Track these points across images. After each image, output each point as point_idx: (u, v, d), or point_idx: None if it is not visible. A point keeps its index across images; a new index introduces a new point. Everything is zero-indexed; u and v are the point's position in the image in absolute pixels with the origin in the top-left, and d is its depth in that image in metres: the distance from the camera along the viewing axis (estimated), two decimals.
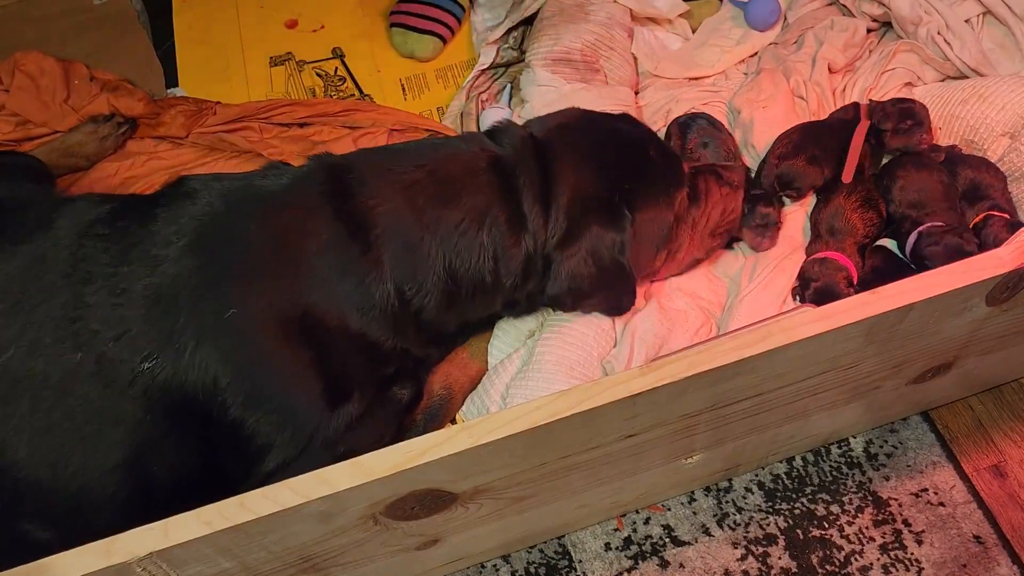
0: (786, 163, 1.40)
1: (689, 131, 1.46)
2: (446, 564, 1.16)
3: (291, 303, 1.02)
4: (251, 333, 1.00)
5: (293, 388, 1.03)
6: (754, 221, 1.34)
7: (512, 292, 1.15)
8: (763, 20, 1.65)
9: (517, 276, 1.13)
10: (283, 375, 1.02)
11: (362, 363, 1.08)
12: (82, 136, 1.57)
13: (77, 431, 0.97)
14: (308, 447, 1.03)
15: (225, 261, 1.02)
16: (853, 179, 1.41)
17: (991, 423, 1.30)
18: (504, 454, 0.90)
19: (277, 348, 1.01)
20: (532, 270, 1.13)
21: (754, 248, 1.37)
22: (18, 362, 0.97)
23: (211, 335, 0.98)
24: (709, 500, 1.25)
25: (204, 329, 0.98)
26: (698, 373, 0.89)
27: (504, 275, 1.12)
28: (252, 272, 1.02)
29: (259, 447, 1.02)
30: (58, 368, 0.97)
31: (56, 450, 0.97)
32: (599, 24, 1.61)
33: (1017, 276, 0.97)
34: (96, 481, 0.99)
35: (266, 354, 1.01)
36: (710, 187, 1.26)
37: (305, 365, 1.02)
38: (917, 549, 1.20)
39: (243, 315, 1.00)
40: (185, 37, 1.86)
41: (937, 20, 1.53)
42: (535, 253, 1.12)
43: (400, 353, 1.11)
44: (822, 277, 1.29)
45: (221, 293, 1.00)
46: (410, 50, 1.78)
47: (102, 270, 1.00)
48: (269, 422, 1.01)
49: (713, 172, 1.27)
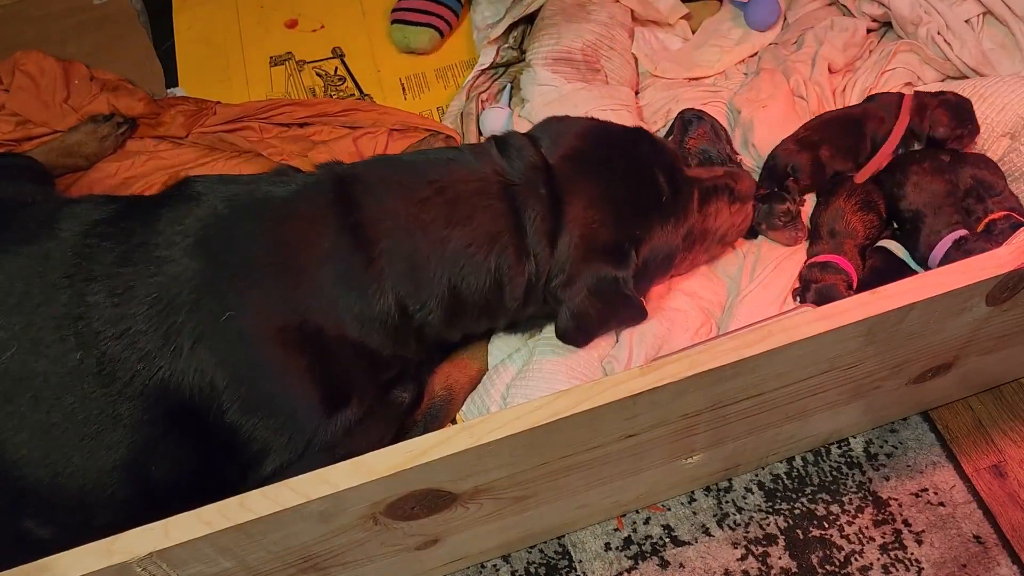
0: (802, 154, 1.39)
1: (690, 130, 1.46)
2: (446, 564, 1.16)
3: (291, 310, 1.01)
4: (249, 337, 1.00)
5: (290, 393, 1.02)
6: (779, 222, 1.34)
7: (515, 314, 1.16)
8: (763, 20, 1.65)
9: (519, 301, 1.13)
10: (280, 380, 1.02)
11: (361, 370, 1.07)
12: (81, 136, 1.57)
13: (77, 431, 0.97)
14: (306, 452, 1.03)
15: (227, 264, 1.02)
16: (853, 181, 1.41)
17: (991, 423, 1.30)
18: (504, 454, 0.90)
19: (275, 353, 1.01)
20: (533, 298, 1.13)
21: (788, 244, 1.37)
22: (19, 361, 0.97)
23: (208, 337, 0.98)
24: (709, 500, 1.25)
25: (202, 331, 0.98)
26: (698, 373, 0.89)
27: (508, 299, 1.12)
28: (253, 277, 1.02)
29: (256, 451, 1.02)
30: (59, 367, 0.97)
31: (56, 450, 0.97)
32: (600, 24, 1.61)
33: (1017, 276, 0.97)
34: (95, 481, 0.99)
35: (264, 359, 1.01)
36: (720, 207, 1.25)
37: (302, 371, 1.02)
38: (917, 549, 1.20)
39: (241, 319, 0.99)
40: (185, 37, 1.86)
41: (937, 20, 1.53)
42: (536, 284, 1.12)
43: (400, 359, 1.11)
44: (822, 280, 1.29)
45: (221, 296, 0.99)
46: (407, 44, 1.78)
47: (105, 270, 1.00)
48: (266, 427, 1.01)
49: (725, 188, 1.26)
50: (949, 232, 1.29)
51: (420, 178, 1.09)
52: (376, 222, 1.05)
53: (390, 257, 1.05)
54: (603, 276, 1.11)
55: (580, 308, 1.12)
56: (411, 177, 1.09)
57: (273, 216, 1.06)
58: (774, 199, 1.35)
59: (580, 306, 1.12)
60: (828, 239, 1.35)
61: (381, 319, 1.05)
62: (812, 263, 1.32)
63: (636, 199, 1.15)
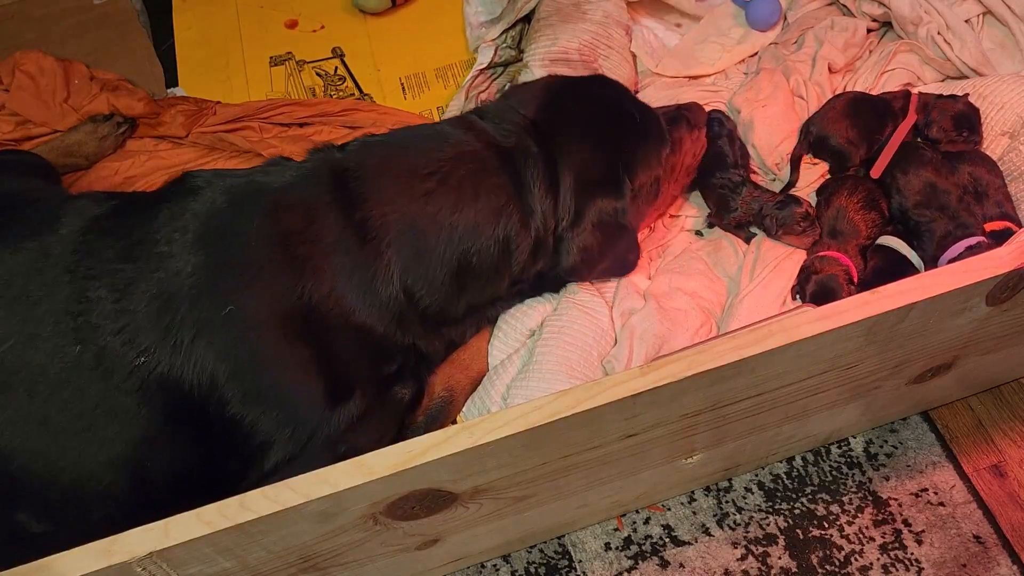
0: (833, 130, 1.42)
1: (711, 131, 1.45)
2: (446, 564, 1.16)
3: (293, 301, 1.02)
4: (251, 329, 1.00)
5: (293, 385, 1.03)
6: (797, 227, 1.34)
7: (520, 273, 1.19)
8: (764, 20, 1.65)
9: (526, 259, 1.17)
10: (283, 371, 1.02)
11: (364, 360, 1.08)
12: (81, 135, 1.58)
13: (72, 424, 0.97)
14: (308, 445, 1.03)
15: (226, 258, 1.02)
16: (854, 179, 1.41)
17: (991, 423, 1.30)
18: (504, 454, 0.90)
19: (278, 344, 1.01)
20: (541, 252, 1.18)
21: (804, 248, 1.37)
22: (16, 354, 0.97)
23: (209, 331, 0.98)
24: (709, 500, 1.25)
25: (202, 325, 0.98)
26: (698, 373, 0.89)
27: (514, 263, 1.16)
28: (253, 270, 1.02)
29: (259, 444, 1.02)
30: (56, 361, 0.97)
31: (51, 442, 0.97)
32: (596, 23, 1.61)
33: (1017, 276, 0.97)
34: (91, 474, 0.99)
35: (266, 350, 1.01)
36: (682, 135, 1.33)
37: (305, 362, 1.03)
38: (917, 549, 1.20)
39: (242, 312, 1.00)
40: (185, 37, 1.86)
41: (937, 20, 1.53)
42: (544, 236, 1.17)
43: (404, 348, 1.12)
44: (823, 276, 1.29)
45: (221, 289, 1.00)
46: (361, 2, 1.85)
47: (105, 266, 1.01)
48: (269, 419, 1.01)
49: (681, 118, 1.34)
50: (964, 238, 1.28)
51: (419, 167, 1.11)
52: (382, 216, 1.07)
53: (398, 248, 1.07)
54: (604, 208, 1.19)
55: (586, 242, 1.19)
56: (411, 166, 1.12)
57: (271, 208, 1.06)
58: (791, 203, 1.35)
59: (586, 240, 1.19)
60: (829, 239, 1.35)
61: (387, 305, 1.08)
62: (812, 257, 1.32)
63: (617, 132, 1.23)
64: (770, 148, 1.47)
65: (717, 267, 1.38)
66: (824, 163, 1.47)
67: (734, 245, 1.40)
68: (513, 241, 1.14)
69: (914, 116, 1.42)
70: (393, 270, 1.07)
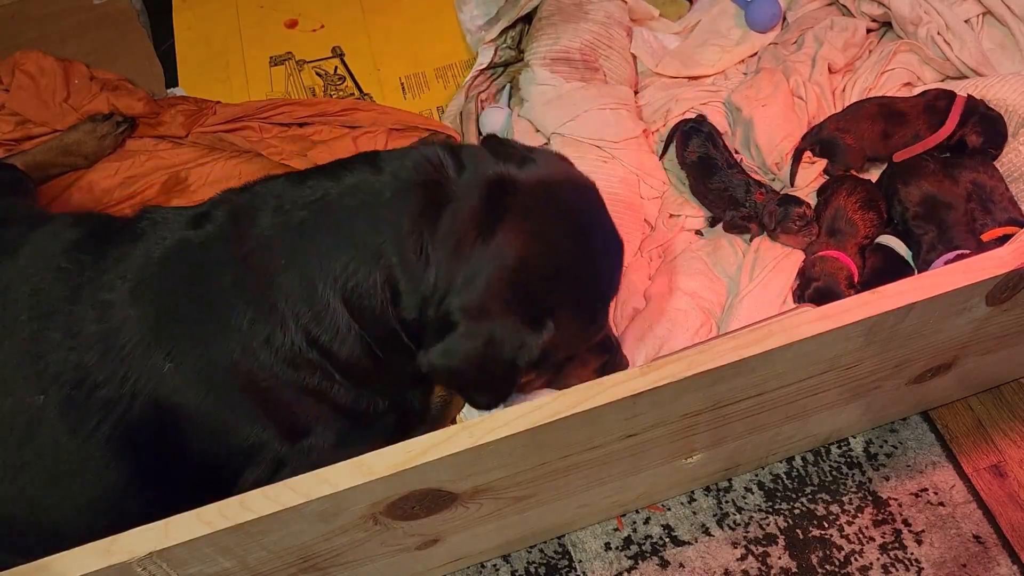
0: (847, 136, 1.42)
1: (690, 144, 1.46)
2: (446, 564, 1.16)
3: (221, 357, 0.98)
4: (193, 386, 0.98)
5: (248, 430, 1.01)
6: (794, 225, 1.34)
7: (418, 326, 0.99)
8: (764, 21, 1.65)
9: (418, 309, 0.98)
10: (235, 420, 1.00)
11: (312, 403, 1.02)
12: (80, 135, 1.57)
13: (48, 470, 0.97)
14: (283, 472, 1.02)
15: (161, 313, 0.99)
16: (853, 179, 1.41)
17: (991, 423, 1.30)
18: (504, 454, 0.90)
19: (220, 399, 0.99)
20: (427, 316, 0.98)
21: (800, 248, 1.37)
22: None
23: (161, 386, 0.97)
24: (709, 500, 1.25)
25: (154, 381, 0.97)
26: (698, 373, 0.89)
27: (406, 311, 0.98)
28: (183, 326, 0.99)
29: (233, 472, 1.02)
30: (24, 408, 0.97)
31: (29, 487, 0.97)
32: (598, 23, 1.61)
33: (1017, 276, 0.97)
34: (71, 519, 0.99)
35: (213, 404, 0.99)
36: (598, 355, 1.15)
37: (250, 411, 1.00)
38: (917, 549, 1.20)
39: (183, 368, 0.98)
40: (185, 37, 1.86)
41: (937, 20, 1.53)
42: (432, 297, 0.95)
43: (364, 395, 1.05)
44: (822, 276, 1.29)
45: (160, 346, 0.98)
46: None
47: (60, 307, 0.99)
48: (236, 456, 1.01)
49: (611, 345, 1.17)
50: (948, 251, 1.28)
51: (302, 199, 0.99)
52: (265, 259, 0.98)
53: (282, 293, 0.97)
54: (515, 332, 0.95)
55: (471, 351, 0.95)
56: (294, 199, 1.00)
57: (190, 260, 1.01)
58: (790, 203, 1.35)
59: (472, 349, 0.95)
60: (828, 238, 1.35)
61: (295, 355, 0.98)
62: (812, 257, 1.33)
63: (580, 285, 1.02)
64: (771, 147, 1.47)
65: (717, 267, 1.38)
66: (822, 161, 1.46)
67: (734, 245, 1.41)
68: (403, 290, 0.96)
69: (955, 121, 1.39)
70: (287, 316, 0.97)
